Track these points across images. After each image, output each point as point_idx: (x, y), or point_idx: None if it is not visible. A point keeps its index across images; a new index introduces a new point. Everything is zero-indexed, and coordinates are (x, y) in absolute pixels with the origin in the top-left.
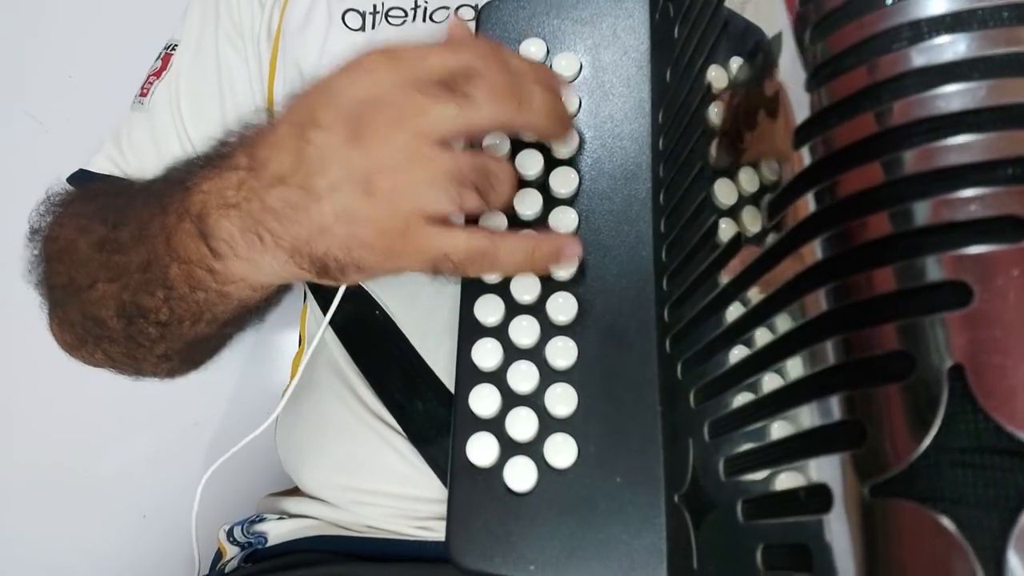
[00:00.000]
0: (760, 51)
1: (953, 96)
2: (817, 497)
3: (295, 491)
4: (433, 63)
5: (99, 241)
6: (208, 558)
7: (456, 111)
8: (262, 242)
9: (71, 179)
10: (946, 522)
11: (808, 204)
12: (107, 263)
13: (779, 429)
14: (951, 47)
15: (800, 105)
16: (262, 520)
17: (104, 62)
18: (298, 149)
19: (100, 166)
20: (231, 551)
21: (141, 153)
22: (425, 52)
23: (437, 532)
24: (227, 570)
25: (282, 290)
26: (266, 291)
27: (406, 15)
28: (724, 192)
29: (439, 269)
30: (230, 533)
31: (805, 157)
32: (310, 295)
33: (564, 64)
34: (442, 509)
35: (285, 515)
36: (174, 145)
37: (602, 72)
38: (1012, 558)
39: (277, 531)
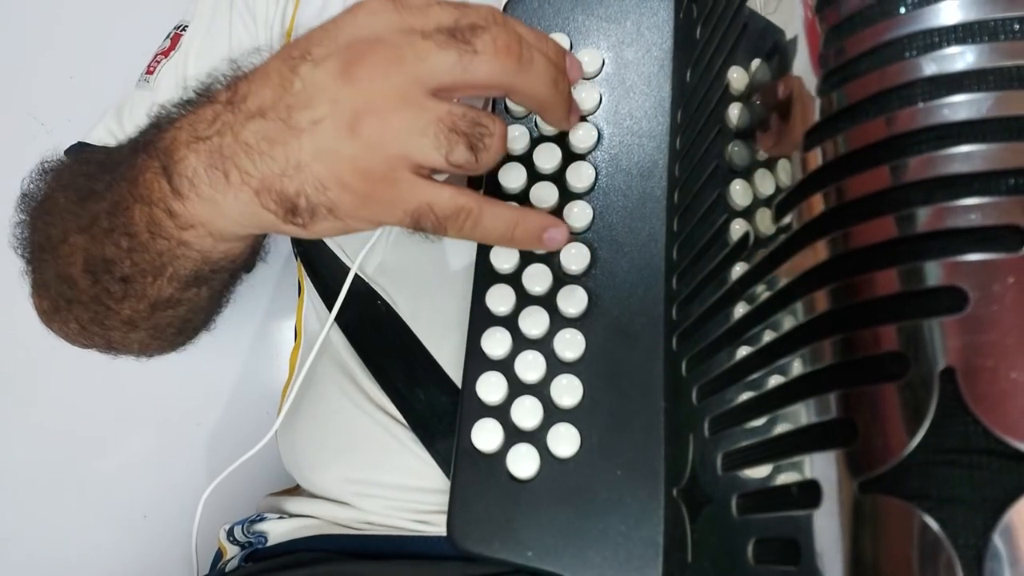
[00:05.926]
0: (777, 53)
1: (960, 106)
2: (808, 492)
3: (295, 490)
4: (439, 13)
5: (77, 192)
6: (208, 558)
7: (457, 59)
8: (227, 179)
9: (68, 151)
10: (929, 520)
11: (816, 205)
12: (80, 212)
13: (776, 426)
14: (961, 57)
15: (812, 108)
16: (262, 520)
17: (106, 63)
18: (284, 83)
19: (98, 138)
20: (231, 550)
21: None
22: (431, 2)
23: (437, 527)
24: (227, 569)
25: (247, 260)
26: (228, 244)
27: None
28: (739, 193)
29: (421, 223)
30: (230, 532)
31: (815, 159)
32: (309, 287)
33: (587, 60)
34: (443, 501)
35: (285, 515)
36: None
37: (624, 69)
38: (992, 556)
39: (277, 531)
